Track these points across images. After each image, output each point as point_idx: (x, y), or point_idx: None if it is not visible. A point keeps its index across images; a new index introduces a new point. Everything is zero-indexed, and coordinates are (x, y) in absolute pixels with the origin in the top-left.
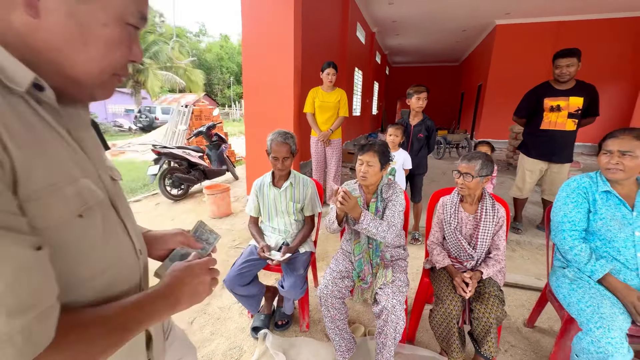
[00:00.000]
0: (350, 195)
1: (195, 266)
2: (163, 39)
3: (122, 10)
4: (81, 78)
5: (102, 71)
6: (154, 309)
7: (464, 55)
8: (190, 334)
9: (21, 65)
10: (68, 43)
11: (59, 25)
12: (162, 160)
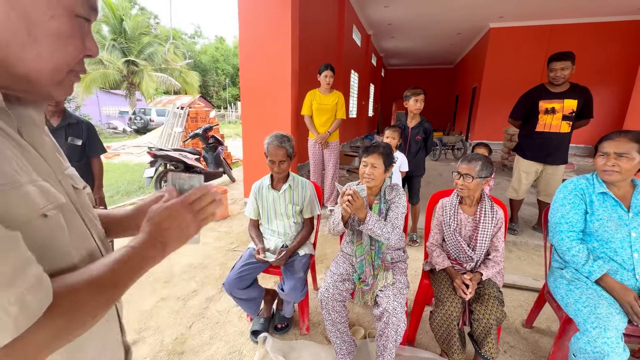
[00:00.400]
0: (358, 195)
1: (172, 208)
2: (158, 40)
3: (68, 1)
4: (33, 76)
5: (55, 67)
6: (143, 260)
7: (459, 58)
8: (189, 338)
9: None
10: (13, 38)
11: (2, 17)
12: (158, 163)
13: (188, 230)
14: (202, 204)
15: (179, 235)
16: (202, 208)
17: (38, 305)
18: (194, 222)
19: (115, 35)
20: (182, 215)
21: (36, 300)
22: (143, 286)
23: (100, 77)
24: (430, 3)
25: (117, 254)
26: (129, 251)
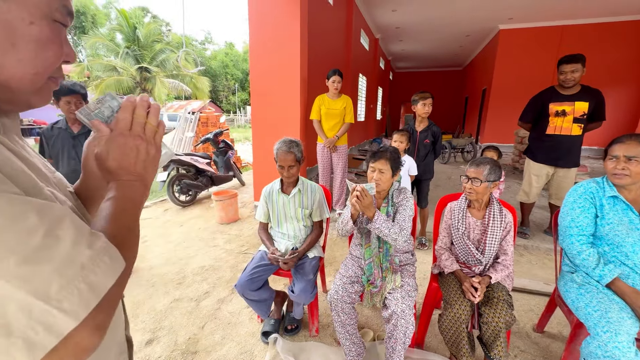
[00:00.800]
0: (366, 192)
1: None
2: (170, 47)
3: (46, 6)
4: (13, 84)
5: (36, 74)
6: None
7: (468, 60)
8: (202, 338)
9: None
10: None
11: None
12: (170, 167)
13: (149, 155)
14: (140, 122)
15: (146, 165)
16: (143, 125)
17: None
18: (148, 145)
19: (129, 43)
20: (131, 146)
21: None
22: (157, 287)
23: (115, 83)
24: (439, 6)
25: (106, 210)
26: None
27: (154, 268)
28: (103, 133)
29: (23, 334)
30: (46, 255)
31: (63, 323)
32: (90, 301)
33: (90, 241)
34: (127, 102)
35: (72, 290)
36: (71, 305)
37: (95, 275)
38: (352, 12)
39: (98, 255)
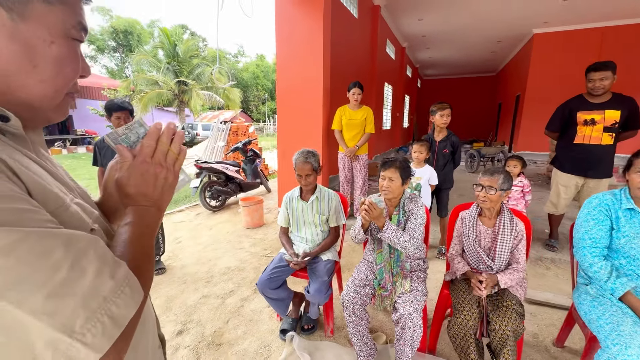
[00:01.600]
0: (375, 206)
1: (136, 171)
2: (205, 62)
3: (64, 24)
4: (36, 102)
5: (56, 91)
6: (148, 227)
7: (501, 66)
8: (226, 332)
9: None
10: (16, 66)
11: (3, 50)
12: (203, 174)
13: (166, 181)
14: (163, 150)
15: (163, 191)
16: (167, 153)
17: (137, 282)
18: (167, 172)
19: (169, 59)
20: (151, 174)
21: (135, 280)
22: (188, 284)
23: (156, 96)
24: (467, 14)
25: (124, 235)
26: (134, 227)
27: (185, 267)
28: (126, 159)
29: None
30: (71, 289)
31: (87, 356)
32: (113, 334)
33: (112, 271)
34: (154, 129)
35: (95, 323)
36: (94, 339)
37: (117, 307)
38: (377, 23)
39: (120, 286)
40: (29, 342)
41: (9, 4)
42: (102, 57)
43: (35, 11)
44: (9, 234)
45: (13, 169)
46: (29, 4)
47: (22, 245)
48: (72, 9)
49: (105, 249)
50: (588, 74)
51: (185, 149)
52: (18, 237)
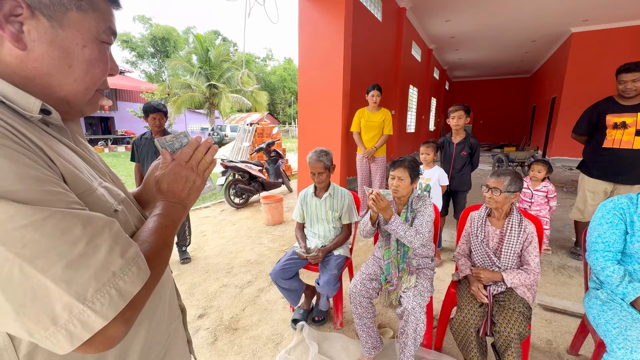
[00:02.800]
0: (382, 197)
1: (172, 172)
2: (235, 66)
3: (96, 30)
4: (70, 97)
5: (87, 88)
6: (173, 221)
7: (536, 67)
8: (242, 318)
9: (28, 95)
10: (55, 67)
11: (45, 53)
12: (228, 173)
13: (195, 185)
14: (197, 158)
15: (189, 192)
16: (200, 161)
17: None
18: (196, 177)
19: (202, 64)
20: (182, 175)
21: (144, 263)
22: (210, 274)
23: (189, 99)
24: (497, 14)
25: (151, 224)
26: (160, 218)
27: (208, 258)
28: (166, 161)
29: (65, 326)
30: (86, 262)
31: (95, 322)
32: (118, 305)
33: (123, 250)
34: (194, 141)
35: (104, 294)
36: (102, 308)
37: (124, 283)
38: (402, 26)
39: (128, 265)
40: (50, 304)
41: (50, 13)
42: (142, 62)
43: (72, 19)
44: (39, 211)
45: (49, 156)
46: (67, 13)
47: (48, 221)
48: (103, 16)
49: (119, 231)
50: (619, 75)
51: (216, 160)
52: (46, 215)
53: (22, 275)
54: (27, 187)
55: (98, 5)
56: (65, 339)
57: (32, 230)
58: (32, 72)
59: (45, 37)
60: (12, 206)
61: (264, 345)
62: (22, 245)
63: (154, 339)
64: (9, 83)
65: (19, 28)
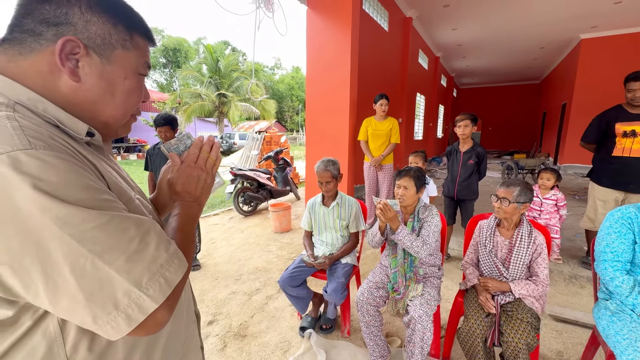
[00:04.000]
0: (390, 207)
1: (183, 173)
2: (244, 75)
3: (135, 64)
4: (110, 122)
5: (125, 113)
6: (191, 218)
7: (545, 73)
8: (251, 325)
9: (77, 120)
10: (101, 96)
11: (94, 85)
12: (237, 181)
13: (205, 182)
14: (204, 157)
15: (202, 190)
16: (206, 159)
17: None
18: (207, 175)
19: (212, 74)
20: (193, 175)
21: (182, 256)
22: (219, 280)
23: (199, 108)
24: (505, 21)
25: (173, 223)
26: (180, 218)
27: (218, 265)
28: (175, 163)
29: (125, 310)
30: (140, 256)
31: (149, 305)
32: (166, 291)
33: (167, 246)
34: (197, 141)
35: (155, 282)
36: (155, 293)
37: (169, 273)
38: (408, 35)
39: (171, 258)
40: (114, 291)
41: (101, 51)
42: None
43: (117, 56)
44: (103, 215)
45: (100, 170)
46: (114, 51)
47: (111, 224)
48: (142, 52)
49: (161, 231)
50: (627, 83)
51: (221, 156)
52: (108, 218)
53: (94, 268)
54: (91, 196)
55: (138, 44)
56: (124, 322)
57: (100, 230)
58: (82, 100)
59: (96, 71)
60: (83, 211)
61: (272, 353)
62: (93, 243)
63: (174, 341)
64: (62, 109)
65: (75, 64)
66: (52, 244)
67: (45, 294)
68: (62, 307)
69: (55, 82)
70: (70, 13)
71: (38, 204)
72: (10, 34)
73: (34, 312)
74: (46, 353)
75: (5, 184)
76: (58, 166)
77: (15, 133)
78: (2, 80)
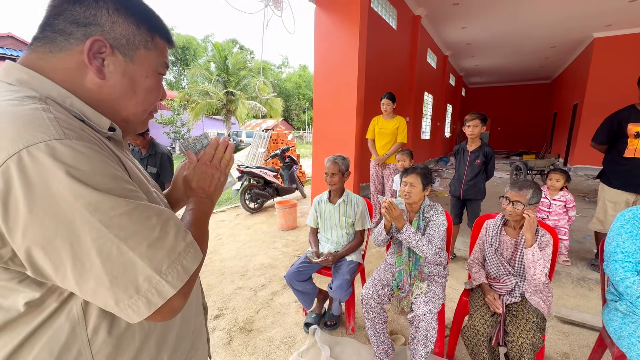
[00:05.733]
0: (395, 206)
1: (198, 170)
2: (252, 73)
3: (156, 64)
4: (131, 118)
5: (144, 111)
6: (204, 213)
7: (556, 73)
8: (256, 320)
9: (100, 115)
10: (123, 93)
11: (118, 82)
12: (243, 178)
13: (219, 180)
14: (218, 156)
15: (215, 187)
16: (221, 158)
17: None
18: (220, 174)
19: (220, 72)
20: (208, 173)
21: (197, 247)
22: (225, 276)
23: (206, 106)
24: (515, 19)
25: (188, 217)
26: (194, 212)
27: (224, 260)
28: (192, 161)
29: (145, 294)
30: (161, 243)
31: (167, 290)
32: (183, 278)
33: (184, 236)
34: (214, 141)
35: (173, 269)
36: (173, 279)
37: (186, 261)
38: (417, 33)
39: (188, 247)
40: (136, 276)
41: (125, 51)
42: None
43: (140, 56)
44: (129, 203)
45: (122, 162)
46: (137, 51)
47: (135, 211)
48: (161, 53)
49: (179, 222)
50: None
51: (234, 157)
52: (134, 206)
53: (119, 252)
54: (119, 185)
55: (159, 45)
56: (144, 306)
57: (126, 217)
58: (106, 96)
59: (120, 69)
60: (112, 199)
61: (277, 347)
62: (120, 229)
63: (185, 329)
64: (87, 105)
65: (101, 62)
66: (82, 228)
67: (72, 275)
68: (88, 288)
69: (82, 79)
70: (99, 15)
71: (72, 190)
72: (41, 33)
73: (60, 295)
74: (69, 334)
75: (43, 171)
76: (89, 155)
77: (51, 124)
78: (35, 77)
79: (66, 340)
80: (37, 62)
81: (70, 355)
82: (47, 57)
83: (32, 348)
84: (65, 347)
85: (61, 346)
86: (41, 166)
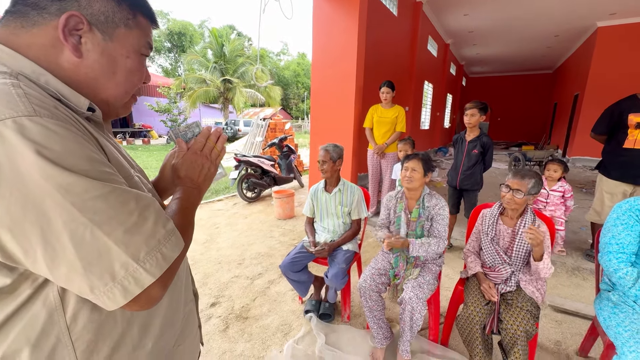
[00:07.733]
0: (396, 239)
1: (188, 160)
2: (249, 61)
3: (137, 44)
4: (111, 100)
5: (126, 92)
6: (191, 204)
7: (558, 63)
8: (252, 308)
9: (78, 94)
10: (102, 74)
11: (96, 61)
12: (241, 167)
13: (209, 171)
14: (210, 146)
15: (204, 178)
16: (212, 149)
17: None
18: (210, 164)
19: (217, 59)
20: (198, 163)
21: (179, 235)
22: (222, 265)
23: (203, 94)
24: (518, 7)
25: (174, 205)
26: (180, 201)
27: (221, 249)
28: (182, 150)
29: (121, 282)
30: (138, 229)
31: (145, 279)
32: (163, 266)
33: (164, 223)
34: (205, 130)
35: (152, 257)
36: (151, 267)
37: (166, 249)
38: (418, 20)
39: (168, 234)
40: (111, 262)
41: (104, 28)
42: (159, 57)
43: (120, 34)
44: (105, 186)
45: (101, 144)
46: (117, 29)
47: (112, 195)
48: (144, 32)
49: (160, 208)
50: None
51: (225, 148)
52: (110, 189)
53: (93, 237)
54: (94, 167)
55: (141, 24)
56: (120, 294)
57: (101, 201)
58: (83, 76)
59: (98, 48)
60: (86, 181)
61: (273, 335)
62: (94, 212)
63: (172, 317)
64: (64, 84)
65: (78, 40)
66: (53, 211)
67: (43, 260)
68: (61, 274)
69: (57, 56)
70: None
71: (41, 171)
72: (13, 7)
73: (34, 281)
74: (46, 321)
75: (9, 148)
76: (62, 135)
77: (20, 100)
78: (5, 52)
79: (43, 327)
80: (9, 37)
81: (49, 341)
82: (19, 32)
83: (7, 335)
84: (43, 334)
85: (38, 333)
86: (8, 144)
